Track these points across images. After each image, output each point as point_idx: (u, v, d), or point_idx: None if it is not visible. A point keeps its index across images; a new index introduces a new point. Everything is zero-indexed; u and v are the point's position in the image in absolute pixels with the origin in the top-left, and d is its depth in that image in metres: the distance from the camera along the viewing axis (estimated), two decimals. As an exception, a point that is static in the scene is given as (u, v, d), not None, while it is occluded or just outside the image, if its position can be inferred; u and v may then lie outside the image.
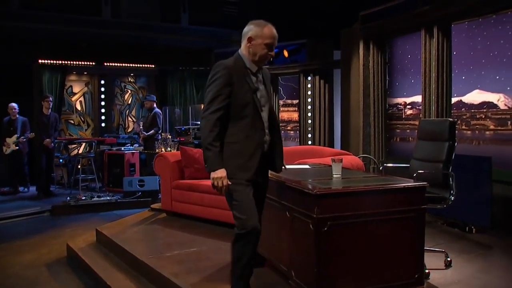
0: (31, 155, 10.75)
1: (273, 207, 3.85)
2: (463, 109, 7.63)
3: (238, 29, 14.35)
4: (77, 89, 13.05)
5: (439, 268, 4.49)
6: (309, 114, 11.83)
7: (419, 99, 8.28)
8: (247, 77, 3.39)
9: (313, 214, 3.10)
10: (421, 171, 4.29)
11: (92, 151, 10.98)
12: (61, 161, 11.16)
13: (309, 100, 11.82)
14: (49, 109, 10.17)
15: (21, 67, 11.62)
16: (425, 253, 3.72)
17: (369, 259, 3.25)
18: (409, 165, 4.90)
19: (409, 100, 8.92)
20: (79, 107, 13.06)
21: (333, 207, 3.12)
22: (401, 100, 9.12)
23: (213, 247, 5.22)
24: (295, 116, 12.47)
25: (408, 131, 8.91)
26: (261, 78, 3.52)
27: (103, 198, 9.15)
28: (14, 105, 10.37)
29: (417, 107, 8.56)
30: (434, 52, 7.79)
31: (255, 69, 3.46)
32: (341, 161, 3.76)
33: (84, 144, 12.10)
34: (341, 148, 10.43)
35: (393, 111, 9.34)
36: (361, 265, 3.22)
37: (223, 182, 3.25)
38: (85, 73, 13.10)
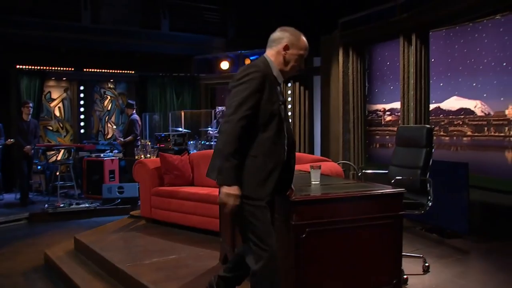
0: (9, 162, 10.60)
1: (252, 213, 3.84)
2: (441, 116, 7.73)
3: (218, 35, 14.52)
4: (56, 95, 12.92)
5: (417, 273, 4.52)
6: (289, 120, 11.84)
7: (398, 105, 8.36)
8: (277, 86, 3.13)
9: (291, 221, 3.10)
10: (399, 178, 4.33)
11: (71, 157, 10.86)
12: (39, 167, 11.02)
13: (289, 106, 11.86)
14: (29, 116, 10.04)
15: (-2, 72, 11.50)
16: (404, 258, 3.74)
17: (347, 265, 3.26)
18: (388, 172, 4.93)
19: (388, 106, 9.01)
20: (58, 113, 12.93)
21: (311, 214, 3.12)
22: (380, 106, 9.21)
23: (192, 254, 5.20)
24: (276, 122, 12.46)
25: (387, 137, 8.99)
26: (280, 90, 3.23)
27: (82, 205, 9.06)
28: None
29: (396, 114, 8.64)
30: (412, 59, 7.88)
31: (281, 79, 3.20)
32: (319, 167, 3.77)
33: (62, 150, 11.95)
34: (321, 154, 10.48)
35: (372, 117, 9.42)
36: (339, 271, 3.23)
37: (234, 201, 2.91)
38: (64, 79, 12.97)
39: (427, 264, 4.63)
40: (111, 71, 13.22)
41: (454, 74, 7.47)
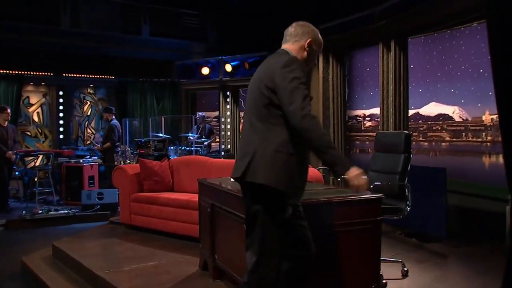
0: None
1: (231, 219, 3.84)
2: (420, 121, 7.80)
3: (199, 41, 14.48)
4: (34, 100, 12.77)
5: (396, 278, 4.56)
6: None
7: (378, 111, 8.43)
8: None
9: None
10: (377, 183, 4.36)
11: (49, 163, 10.74)
12: (17, 173, 10.87)
13: (270, 112, 11.85)
14: (6, 121, 9.91)
15: (-26, 77, 11.34)
16: (383, 263, 3.77)
17: (326, 270, 3.27)
18: (366, 177, 4.96)
19: (368, 112, 9.07)
20: (36, 119, 12.77)
21: (290, 220, 3.12)
22: (360, 112, 9.27)
23: (172, 260, 5.17)
24: (256, 128, 12.47)
25: (367, 142, 9.06)
26: None
27: (60, 211, 8.94)
28: None
29: (376, 119, 8.71)
30: (391, 65, 7.95)
31: None
32: (298, 173, 3.77)
33: (41, 156, 11.84)
34: (302, 159, 10.48)
35: (352, 123, 9.48)
36: (318, 276, 3.23)
37: (363, 178, 2.83)
38: (43, 84, 12.83)
39: (406, 268, 4.67)
40: (90, 76, 13.11)
41: (432, 80, 7.56)
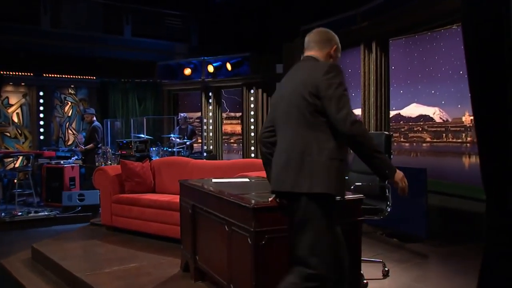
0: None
1: (212, 220, 3.83)
2: (401, 122, 7.86)
3: (181, 41, 14.45)
4: (14, 100, 12.62)
5: (377, 278, 4.58)
6: (252, 127, 11.89)
7: (359, 112, 8.47)
8: None
9: (250, 227, 3.10)
10: (358, 184, 4.38)
11: (29, 164, 10.61)
12: (-4, 175, 10.74)
13: (252, 113, 11.89)
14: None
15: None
16: (364, 263, 3.79)
17: (307, 271, 3.27)
18: (348, 178, 4.98)
19: (349, 113, 9.10)
20: (16, 119, 12.63)
21: (270, 221, 3.12)
22: (342, 113, 9.29)
23: (153, 262, 5.14)
24: (238, 128, 12.51)
25: (349, 143, 9.08)
26: None
27: (41, 213, 8.85)
28: None
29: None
30: (373, 66, 8.01)
31: None
32: (279, 174, 3.77)
33: (21, 157, 11.70)
34: (284, 160, 10.50)
35: (334, 124, 9.51)
36: (299, 278, 3.24)
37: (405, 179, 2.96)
38: (23, 84, 12.69)
39: (386, 268, 4.70)
40: (71, 76, 13.02)
41: (413, 81, 7.62)
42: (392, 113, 8.01)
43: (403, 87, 7.83)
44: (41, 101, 12.89)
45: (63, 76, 12.89)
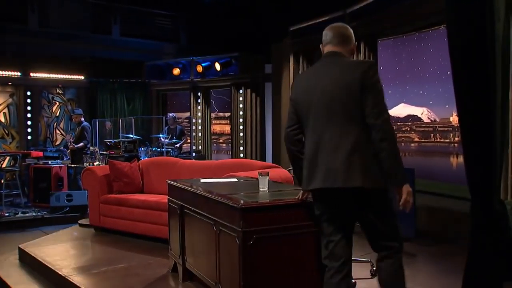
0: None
1: (200, 221, 3.83)
2: (389, 122, 7.88)
3: (170, 41, 14.42)
4: (0, 100, 12.52)
5: (366, 277, 4.60)
6: (241, 127, 11.89)
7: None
8: None
9: (238, 228, 3.09)
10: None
11: (17, 164, 10.54)
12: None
13: (241, 113, 11.89)
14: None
15: None
16: (352, 263, 3.79)
17: (295, 271, 3.27)
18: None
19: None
20: (2, 119, 12.52)
21: (258, 221, 3.12)
22: (330, 113, 9.31)
23: (142, 262, 5.13)
24: (227, 129, 12.50)
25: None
26: None
27: (28, 214, 8.80)
28: None
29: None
30: (361, 67, 8.01)
31: None
32: (267, 174, 3.78)
33: (8, 157, 11.59)
34: (273, 161, 10.53)
35: (323, 124, 9.53)
36: (287, 277, 3.24)
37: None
38: (10, 84, 12.59)
39: (375, 268, 4.70)
40: (59, 76, 12.94)
41: (401, 81, 7.65)
42: (380, 113, 8.04)
43: (391, 87, 7.86)
44: (29, 100, 12.81)
45: (51, 75, 12.81)
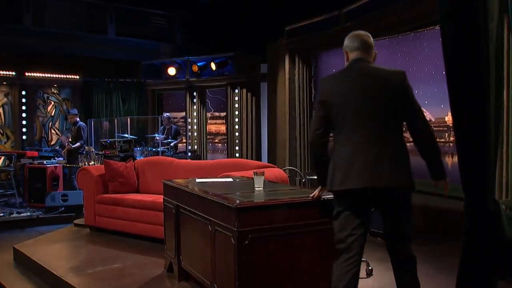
0: None
1: (196, 220, 3.83)
2: (384, 122, 7.89)
3: (165, 41, 14.43)
4: (-5, 99, 12.52)
5: (361, 276, 4.56)
6: (237, 126, 11.89)
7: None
8: None
9: (233, 227, 3.10)
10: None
11: (12, 164, 10.52)
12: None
13: (237, 113, 11.89)
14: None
15: None
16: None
17: (291, 270, 3.28)
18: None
19: (333, 113, 9.13)
20: (-3, 119, 12.52)
21: (253, 220, 3.13)
22: (326, 113, 9.32)
23: (137, 262, 5.12)
24: (223, 128, 12.50)
25: (333, 143, 9.11)
26: None
27: (23, 214, 8.77)
28: None
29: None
30: (356, 66, 8.03)
31: None
32: (263, 174, 3.79)
33: (3, 157, 11.56)
34: (268, 160, 10.53)
35: (318, 123, 9.53)
36: (282, 277, 3.25)
37: None
38: (5, 83, 12.55)
39: (370, 267, 4.72)
40: (55, 75, 12.92)
41: (396, 82, 7.66)
42: (375, 113, 8.05)
43: (387, 87, 7.87)
44: (24, 100, 12.77)
45: (46, 75, 12.79)
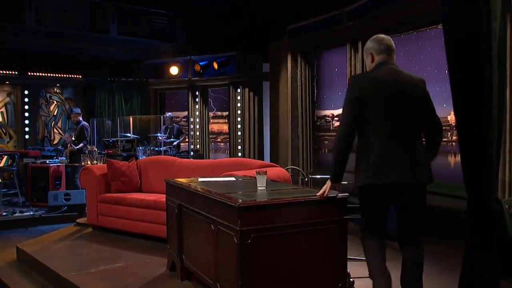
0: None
1: (198, 220, 3.84)
2: (386, 121, 7.88)
3: (167, 40, 14.45)
4: (-2, 99, 12.53)
5: (364, 276, 4.58)
6: (239, 126, 11.90)
7: (345, 111, 8.49)
8: None
9: (236, 226, 3.10)
10: (344, 182, 4.39)
11: (14, 164, 10.54)
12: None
13: (239, 112, 11.90)
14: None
15: None
16: (351, 262, 3.81)
17: (293, 270, 3.28)
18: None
19: (336, 112, 9.14)
20: (0, 118, 12.51)
21: (256, 220, 3.13)
22: (329, 112, 9.34)
23: (139, 261, 5.12)
24: (225, 128, 12.51)
25: (335, 142, 9.10)
26: None
27: (26, 213, 8.79)
28: None
29: (343, 119, 8.78)
30: (359, 66, 8.04)
31: None
32: (265, 173, 3.79)
33: (5, 157, 11.58)
34: (271, 159, 10.54)
35: (321, 123, 9.54)
36: (285, 276, 3.25)
37: None
38: (7, 83, 12.56)
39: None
40: (57, 75, 12.93)
41: (399, 81, 7.65)
42: (378, 112, 8.04)
43: (389, 86, 7.86)
44: (26, 100, 12.79)
45: (49, 74, 12.80)
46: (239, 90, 11.90)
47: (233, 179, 4.66)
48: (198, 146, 12.72)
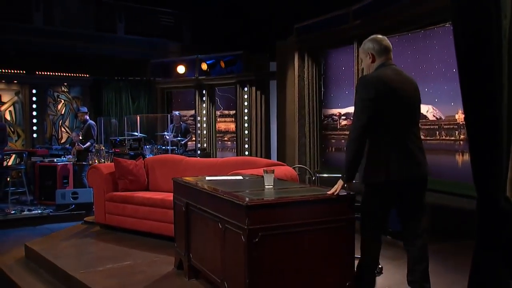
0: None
1: (206, 218, 3.84)
2: (394, 120, 7.85)
3: (174, 39, 14.47)
4: (6, 98, 12.55)
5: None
6: (246, 124, 11.89)
7: (352, 110, 8.48)
8: None
9: (244, 225, 3.10)
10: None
11: (22, 162, 10.59)
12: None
13: (246, 111, 11.89)
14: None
15: None
16: (357, 261, 3.79)
17: (301, 268, 3.28)
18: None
19: (343, 111, 9.12)
20: (8, 117, 12.56)
21: (264, 218, 3.13)
22: (336, 111, 9.32)
23: (147, 260, 5.14)
24: (232, 126, 12.51)
25: (342, 141, 9.10)
26: None
27: (34, 211, 8.83)
28: None
29: (352, 118, 8.76)
30: (366, 64, 8.01)
31: None
32: (272, 172, 3.79)
33: (14, 155, 11.65)
34: (278, 158, 10.53)
35: (328, 121, 9.53)
36: (292, 275, 3.24)
37: None
38: (15, 82, 12.62)
39: (380, 266, 4.70)
40: (64, 74, 12.97)
41: (406, 79, 7.62)
42: (385, 111, 8.01)
43: (396, 85, 7.84)
44: (34, 99, 12.83)
45: (56, 74, 12.84)
46: (246, 89, 11.90)
47: (240, 177, 4.66)
48: (205, 145, 12.73)
